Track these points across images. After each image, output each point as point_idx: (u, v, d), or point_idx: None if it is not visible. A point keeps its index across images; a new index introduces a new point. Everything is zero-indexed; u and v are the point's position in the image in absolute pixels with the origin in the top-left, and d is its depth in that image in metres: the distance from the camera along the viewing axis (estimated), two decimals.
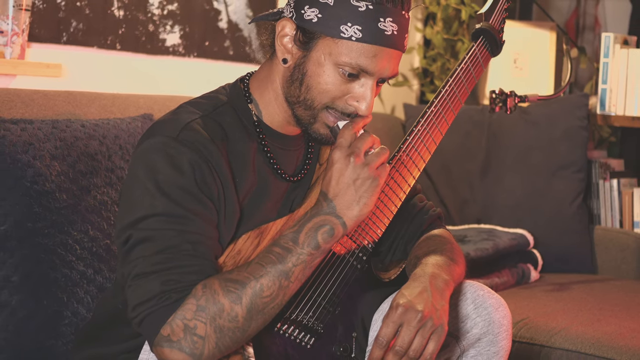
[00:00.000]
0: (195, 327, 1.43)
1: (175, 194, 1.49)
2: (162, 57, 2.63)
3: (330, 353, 1.64)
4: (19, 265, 1.80)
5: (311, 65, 1.57)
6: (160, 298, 1.44)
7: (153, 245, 1.47)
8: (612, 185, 3.15)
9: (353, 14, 1.54)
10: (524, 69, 3.38)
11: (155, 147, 1.53)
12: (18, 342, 1.80)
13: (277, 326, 1.58)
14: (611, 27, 3.66)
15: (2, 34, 2.13)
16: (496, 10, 1.83)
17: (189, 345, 1.43)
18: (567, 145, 3.01)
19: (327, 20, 1.54)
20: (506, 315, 1.72)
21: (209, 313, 1.43)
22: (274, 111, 1.65)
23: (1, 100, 1.98)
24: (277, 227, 1.61)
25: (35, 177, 1.84)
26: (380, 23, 1.55)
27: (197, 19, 2.71)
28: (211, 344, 1.44)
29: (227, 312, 1.44)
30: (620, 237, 3.02)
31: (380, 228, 1.70)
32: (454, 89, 1.78)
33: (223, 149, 1.57)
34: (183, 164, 1.51)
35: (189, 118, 1.58)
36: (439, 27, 3.42)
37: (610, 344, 2.23)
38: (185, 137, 1.53)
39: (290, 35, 1.58)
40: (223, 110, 1.63)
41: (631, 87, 3.11)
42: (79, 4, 2.39)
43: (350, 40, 1.54)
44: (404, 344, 1.53)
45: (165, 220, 1.48)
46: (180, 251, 1.47)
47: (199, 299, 1.44)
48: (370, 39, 1.54)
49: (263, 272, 1.47)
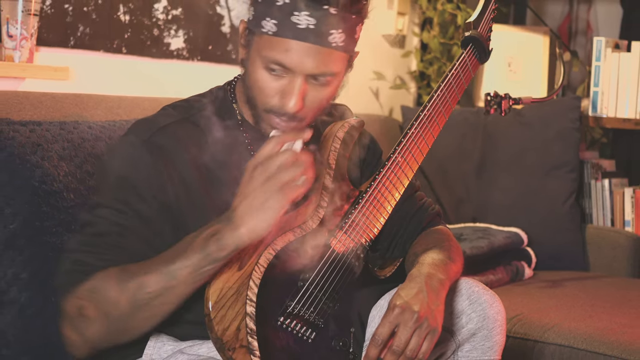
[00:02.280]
0: (83, 307, 1.47)
1: (125, 190, 1.55)
2: (167, 61, 2.63)
3: (330, 347, 1.64)
4: (27, 263, 1.80)
5: (249, 64, 1.58)
6: (69, 275, 1.50)
7: (91, 229, 1.54)
8: (603, 185, 3.15)
9: (271, 9, 1.51)
10: (518, 72, 3.38)
11: (123, 146, 1.60)
12: (26, 338, 1.80)
13: (280, 320, 1.58)
14: (603, 31, 3.65)
15: (12, 38, 2.13)
16: (484, 18, 1.83)
17: (79, 324, 1.48)
18: (560, 146, 3.01)
19: (256, 16, 1.54)
20: (500, 311, 1.72)
21: (97, 297, 1.47)
22: (247, 111, 1.66)
23: (10, 103, 1.98)
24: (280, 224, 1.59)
25: (43, 177, 1.84)
26: (294, 17, 1.51)
27: (201, 23, 2.71)
28: (97, 328, 1.47)
29: (114, 299, 1.46)
30: (611, 236, 3.02)
31: (376, 227, 1.69)
32: (445, 94, 1.78)
33: (195, 152, 1.60)
34: (140, 166, 1.56)
35: (164, 121, 1.62)
36: (436, 32, 3.42)
37: (601, 339, 2.23)
38: (154, 141, 1.58)
39: (243, 37, 1.60)
40: (204, 113, 1.64)
41: (622, 90, 3.11)
42: (86, 9, 2.39)
43: (268, 34, 1.52)
44: (401, 343, 1.53)
45: (109, 211, 1.54)
46: (104, 239, 1.52)
47: (94, 282, 1.48)
48: (283, 32, 1.51)
49: (151, 270, 1.47)
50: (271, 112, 1.58)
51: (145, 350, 1.61)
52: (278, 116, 1.58)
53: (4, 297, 1.78)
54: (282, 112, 1.57)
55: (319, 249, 1.64)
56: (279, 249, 1.57)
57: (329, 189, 1.67)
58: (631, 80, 3.09)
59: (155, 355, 1.60)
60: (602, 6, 3.68)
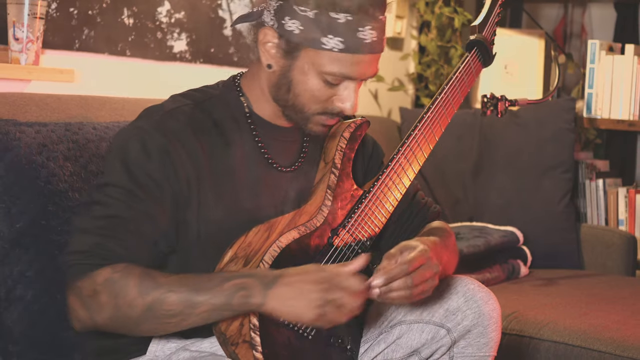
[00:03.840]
0: (99, 293, 1.46)
1: (138, 174, 1.53)
2: (170, 63, 2.63)
3: (328, 343, 1.65)
4: (33, 261, 1.81)
5: (296, 74, 1.58)
6: (87, 255, 1.48)
7: (104, 209, 1.52)
8: (597, 185, 3.15)
9: (333, 26, 1.53)
10: (514, 75, 3.38)
11: (133, 131, 1.58)
12: (32, 334, 1.80)
13: None
14: (597, 34, 3.65)
15: (18, 41, 2.13)
16: (489, 22, 1.83)
17: (91, 305, 1.47)
18: (555, 146, 3.01)
19: (309, 32, 1.53)
20: (495, 308, 1.73)
21: (115, 290, 1.46)
22: (262, 106, 1.66)
23: (17, 104, 1.98)
24: (285, 221, 1.60)
25: (49, 177, 1.84)
26: (360, 33, 1.54)
27: (203, 26, 2.71)
28: (105, 315, 1.47)
29: (130, 299, 1.46)
30: (605, 235, 3.02)
31: (377, 226, 1.70)
32: (448, 97, 1.78)
33: (205, 138, 1.59)
34: (153, 150, 1.54)
35: (174, 106, 1.61)
36: (433, 35, 3.42)
37: (596, 336, 2.23)
38: (164, 125, 1.57)
39: (272, 43, 1.58)
40: (213, 102, 1.65)
41: (616, 92, 3.11)
42: (91, 12, 2.39)
43: (332, 51, 1.54)
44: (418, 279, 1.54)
45: (122, 192, 1.52)
46: (124, 225, 1.50)
47: (115, 272, 1.47)
48: (352, 49, 1.54)
49: (175, 290, 1.45)
50: (323, 114, 1.61)
51: (150, 347, 1.61)
52: (330, 117, 1.62)
53: (11, 294, 1.79)
54: (335, 113, 1.61)
55: (321, 246, 1.64)
56: (283, 246, 1.57)
57: (333, 188, 1.67)
58: (625, 82, 3.09)
59: (160, 352, 1.60)
60: (597, 10, 3.68)
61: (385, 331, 1.76)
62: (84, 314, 1.48)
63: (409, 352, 1.75)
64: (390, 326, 1.76)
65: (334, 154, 1.69)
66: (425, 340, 1.73)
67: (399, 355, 1.76)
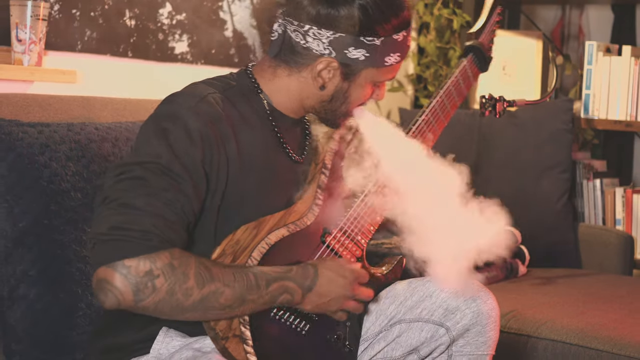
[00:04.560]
0: (156, 277, 1.41)
1: (181, 154, 1.49)
2: (171, 64, 2.63)
3: (325, 340, 1.65)
4: (36, 260, 1.81)
5: (354, 89, 1.65)
6: (145, 234, 1.41)
7: (150, 187, 1.46)
8: (595, 185, 3.15)
9: (395, 45, 1.62)
10: (512, 75, 3.38)
11: (171, 114, 1.54)
12: (35, 332, 1.80)
13: (273, 311, 1.58)
14: (594, 35, 3.65)
15: (21, 42, 2.13)
16: (486, 29, 1.85)
17: (139, 285, 1.40)
18: (552, 147, 3.01)
19: (374, 56, 1.61)
20: (494, 307, 1.73)
21: (174, 275, 1.43)
22: (283, 104, 1.67)
23: (19, 105, 1.98)
24: (274, 220, 1.61)
25: (51, 177, 1.84)
26: (408, 41, 1.66)
27: (204, 28, 2.71)
28: (155, 299, 1.42)
29: (187, 287, 1.44)
30: (603, 234, 3.02)
31: (373, 225, 1.71)
32: (444, 101, 1.79)
33: (233, 126, 1.58)
34: (194, 133, 1.51)
35: (206, 91, 1.59)
36: (432, 36, 3.42)
37: (593, 335, 2.23)
38: (200, 109, 1.54)
39: (331, 69, 1.61)
40: (234, 91, 1.64)
41: (613, 92, 3.11)
42: (93, 14, 2.39)
43: (391, 65, 1.64)
44: None
45: (166, 171, 1.47)
46: (173, 206, 1.46)
47: (174, 259, 1.43)
48: (404, 57, 1.66)
49: (231, 285, 1.48)
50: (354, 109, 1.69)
51: (154, 345, 1.61)
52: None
53: (14, 293, 1.79)
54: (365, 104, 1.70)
55: (314, 245, 1.64)
56: (272, 243, 1.58)
57: (324, 187, 1.68)
58: (622, 83, 3.10)
59: (164, 350, 1.60)
60: (594, 11, 3.69)
61: (385, 330, 1.76)
62: (127, 292, 1.40)
63: (408, 351, 1.75)
64: (390, 325, 1.76)
65: (324, 155, 1.71)
66: (425, 339, 1.73)
67: (399, 354, 1.76)
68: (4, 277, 1.79)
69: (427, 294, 1.75)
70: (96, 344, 1.68)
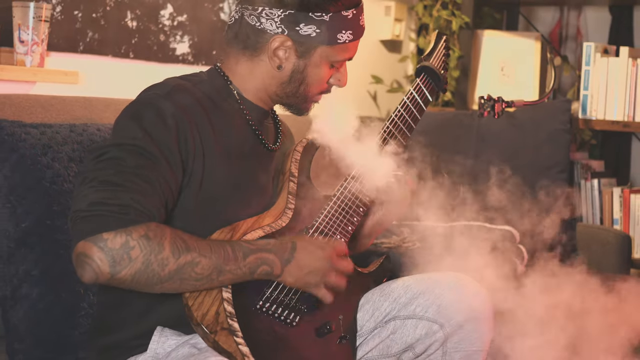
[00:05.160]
0: (132, 248, 1.44)
1: (157, 137, 1.54)
2: (173, 65, 2.63)
3: (318, 331, 1.65)
4: (38, 261, 1.81)
5: (310, 69, 1.70)
6: (123, 208, 1.45)
7: (126, 165, 1.50)
8: (593, 185, 3.15)
9: (344, 22, 1.68)
10: (510, 76, 3.38)
11: (144, 100, 1.61)
12: (38, 331, 1.80)
13: (259, 304, 1.60)
14: (592, 37, 3.66)
15: (23, 43, 2.13)
16: (435, 53, 1.92)
17: (116, 257, 1.43)
18: (551, 147, 3.01)
19: (325, 32, 1.67)
20: (487, 304, 1.74)
21: (150, 246, 1.45)
22: (252, 93, 1.73)
23: (22, 106, 1.98)
24: (248, 224, 1.66)
25: (54, 178, 1.84)
26: (360, 21, 1.71)
27: (205, 29, 2.71)
28: (131, 270, 1.45)
29: (162, 257, 1.46)
30: (600, 234, 3.02)
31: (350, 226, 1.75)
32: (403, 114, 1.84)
33: (209, 115, 1.64)
34: (167, 117, 1.57)
35: (177, 82, 1.65)
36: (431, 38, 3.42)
37: None
38: (173, 96, 1.60)
39: (285, 47, 1.67)
40: (206, 85, 1.70)
41: (611, 93, 3.12)
42: (95, 15, 2.39)
43: (344, 43, 1.69)
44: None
45: (142, 152, 1.52)
46: (150, 183, 1.50)
47: (149, 230, 1.46)
48: (357, 36, 1.71)
49: (207, 255, 1.51)
50: (319, 94, 1.75)
51: (150, 345, 1.61)
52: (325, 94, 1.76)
53: (17, 292, 1.79)
54: (329, 91, 1.76)
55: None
56: None
57: (294, 193, 1.74)
58: (619, 83, 3.10)
59: (160, 349, 1.61)
60: (592, 13, 3.69)
61: (380, 326, 1.78)
62: (103, 265, 1.42)
63: (403, 348, 1.76)
64: (385, 321, 1.77)
65: (289, 165, 1.77)
66: (420, 336, 1.74)
67: (394, 351, 1.77)
68: (7, 277, 1.79)
69: (420, 290, 1.76)
70: (95, 343, 1.68)
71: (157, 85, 1.66)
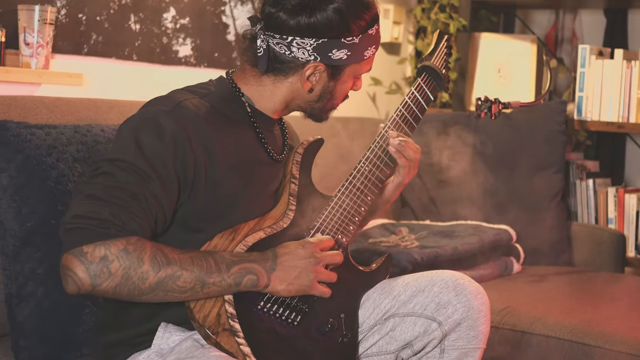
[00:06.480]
0: (110, 262, 1.46)
1: (149, 154, 1.54)
2: (175, 67, 2.63)
3: (319, 330, 1.65)
4: (44, 259, 1.81)
5: (339, 85, 1.73)
6: (102, 223, 1.47)
7: (115, 181, 1.51)
8: (588, 184, 3.15)
9: (370, 39, 1.71)
10: (507, 78, 3.38)
11: (146, 115, 1.59)
12: (43, 329, 1.80)
13: (260, 305, 1.60)
14: (587, 39, 3.65)
15: (28, 45, 2.14)
16: (436, 53, 1.93)
17: (96, 271, 1.45)
18: (547, 148, 3.01)
19: (355, 53, 1.69)
20: (484, 302, 1.75)
21: (128, 260, 1.47)
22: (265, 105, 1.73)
23: (27, 107, 1.98)
24: (249, 226, 1.65)
25: (58, 178, 1.84)
26: (379, 34, 1.75)
27: (208, 32, 2.71)
28: (112, 283, 1.46)
29: (142, 271, 1.48)
30: (595, 233, 3.02)
31: (351, 226, 1.75)
32: (405, 112, 1.85)
33: (215, 127, 1.63)
34: (165, 134, 1.56)
35: (184, 97, 1.64)
36: (429, 40, 3.42)
37: (586, 330, 2.23)
38: (176, 113, 1.59)
39: (318, 72, 1.69)
40: (214, 97, 1.69)
41: (605, 95, 3.12)
42: (99, 18, 2.39)
43: (369, 57, 1.74)
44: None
45: (133, 168, 1.52)
46: (137, 199, 1.51)
47: (129, 244, 1.47)
48: (378, 47, 1.76)
49: (188, 269, 1.51)
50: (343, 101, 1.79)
51: (154, 340, 1.61)
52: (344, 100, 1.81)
53: (22, 291, 1.79)
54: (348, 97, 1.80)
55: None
56: (250, 244, 1.62)
57: (295, 195, 1.74)
58: (614, 85, 3.10)
59: (164, 345, 1.61)
60: (587, 16, 3.69)
61: (380, 323, 1.78)
62: (84, 277, 1.45)
63: (402, 345, 1.76)
64: (384, 318, 1.77)
65: (290, 167, 1.77)
66: (418, 333, 1.74)
67: (393, 348, 1.77)
68: (13, 275, 1.79)
69: (420, 288, 1.76)
70: (99, 340, 1.69)
71: (163, 99, 1.65)
